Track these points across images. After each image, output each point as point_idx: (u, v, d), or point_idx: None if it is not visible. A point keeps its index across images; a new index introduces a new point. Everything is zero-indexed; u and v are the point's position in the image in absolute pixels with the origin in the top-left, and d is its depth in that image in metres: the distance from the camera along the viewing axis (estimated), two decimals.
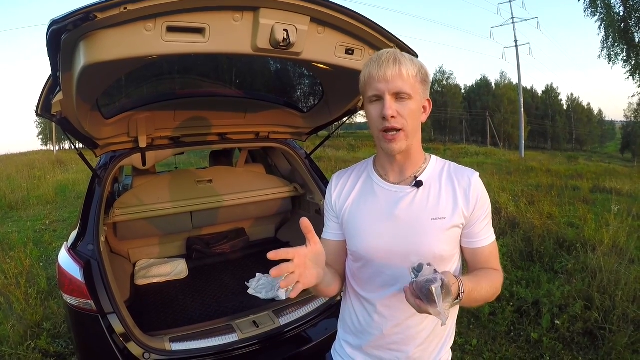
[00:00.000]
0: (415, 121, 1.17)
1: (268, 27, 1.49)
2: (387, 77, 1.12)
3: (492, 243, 1.26)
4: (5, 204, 9.59)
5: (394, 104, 1.13)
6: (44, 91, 1.88)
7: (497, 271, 1.26)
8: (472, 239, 1.24)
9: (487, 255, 1.25)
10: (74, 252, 2.25)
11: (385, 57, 1.14)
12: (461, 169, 1.26)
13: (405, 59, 1.14)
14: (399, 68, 1.12)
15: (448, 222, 1.18)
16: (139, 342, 2.14)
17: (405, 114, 1.13)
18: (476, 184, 1.21)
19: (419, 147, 1.25)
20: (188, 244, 3.88)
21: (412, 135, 1.17)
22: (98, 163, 2.98)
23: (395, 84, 1.12)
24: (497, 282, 1.22)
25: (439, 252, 1.18)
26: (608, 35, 19.09)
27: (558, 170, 15.58)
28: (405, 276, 1.14)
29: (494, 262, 1.27)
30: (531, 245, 4.75)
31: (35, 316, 3.55)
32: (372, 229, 1.24)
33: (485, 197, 1.23)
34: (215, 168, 4.05)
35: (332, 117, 2.91)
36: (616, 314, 3.15)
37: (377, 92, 1.14)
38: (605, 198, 8.38)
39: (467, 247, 1.25)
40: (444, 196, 1.20)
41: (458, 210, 1.19)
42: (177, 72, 2.59)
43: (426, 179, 1.23)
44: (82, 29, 1.29)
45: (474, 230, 1.23)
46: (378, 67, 1.13)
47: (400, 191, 1.23)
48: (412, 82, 1.13)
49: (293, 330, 2.46)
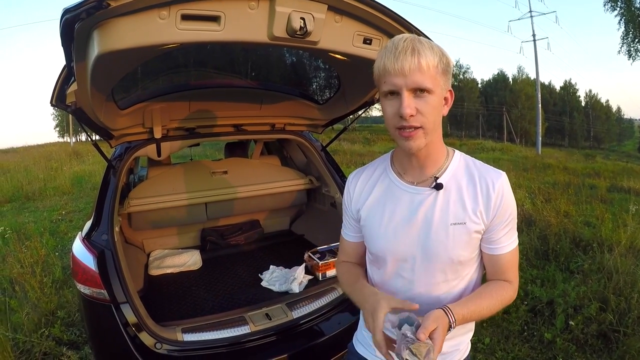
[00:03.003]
0: (437, 117, 1.08)
1: (284, 15, 1.46)
2: (405, 70, 1.00)
3: (512, 251, 1.19)
4: (22, 194, 9.76)
5: (412, 101, 1.02)
6: (59, 81, 1.87)
7: (509, 283, 1.20)
8: (491, 244, 1.18)
9: (504, 263, 1.19)
10: (88, 241, 2.26)
11: (402, 46, 1.01)
12: (486, 169, 1.18)
13: (424, 48, 1.02)
14: (417, 60, 1.00)
15: (468, 227, 1.13)
16: (151, 332, 2.15)
17: (425, 110, 1.03)
18: (500, 188, 1.13)
19: (439, 143, 1.17)
20: (202, 235, 3.89)
21: (432, 131, 1.08)
22: (113, 154, 2.99)
23: (414, 78, 1.00)
24: (504, 297, 1.18)
25: (457, 257, 1.15)
26: (628, 31, 18.79)
27: (575, 168, 15.37)
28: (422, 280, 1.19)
29: (511, 272, 1.21)
30: (547, 244, 4.68)
31: (49, 304, 3.59)
32: (389, 231, 1.21)
33: (509, 203, 1.15)
34: (231, 159, 4.05)
35: (349, 109, 2.89)
36: (631, 317, 3.08)
37: (393, 87, 1.03)
38: (623, 197, 8.24)
39: (486, 253, 1.20)
40: (465, 200, 1.14)
41: (478, 215, 1.13)
42: (193, 63, 2.58)
43: (447, 180, 1.16)
44: (95, 17, 1.27)
45: (494, 236, 1.16)
46: (394, 58, 1.01)
47: (419, 193, 1.17)
48: (432, 74, 1.02)
49: (306, 323, 2.44)
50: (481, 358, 2.97)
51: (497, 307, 1.16)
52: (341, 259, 1.47)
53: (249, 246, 3.84)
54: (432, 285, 1.19)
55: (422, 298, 1.20)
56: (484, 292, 1.17)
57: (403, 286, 1.22)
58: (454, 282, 1.19)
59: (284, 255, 3.52)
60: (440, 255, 1.15)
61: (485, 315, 1.14)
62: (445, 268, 1.17)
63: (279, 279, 2.99)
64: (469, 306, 1.10)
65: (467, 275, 1.21)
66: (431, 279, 1.19)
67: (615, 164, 20.42)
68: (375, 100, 2.68)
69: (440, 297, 1.19)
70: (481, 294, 1.16)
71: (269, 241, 3.98)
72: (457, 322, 1.04)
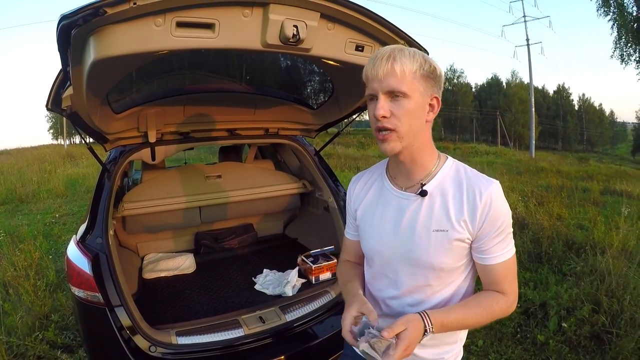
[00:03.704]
0: (413, 120, 1.10)
1: (278, 23, 1.49)
2: (379, 75, 1.07)
3: (506, 261, 1.17)
4: (15, 197, 9.70)
5: (387, 104, 1.09)
6: (54, 86, 1.89)
7: (503, 295, 1.19)
8: (482, 254, 1.17)
9: (497, 274, 1.18)
10: (83, 245, 2.26)
11: (381, 54, 1.09)
12: (476, 178, 1.17)
13: (402, 55, 1.07)
14: (391, 65, 1.06)
15: (450, 235, 1.14)
16: (145, 335, 2.15)
17: (398, 113, 1.08)
18: (488, 197, 1.12)
19: (426, 149, 1.18)
20: (196, 239, 3.89)
21: (408, 136, 1.11)
22: (108, 157, 2.99)
23: (388, 82, 1.07)
24: (495, 309, 1.17)
25: (438, 264, 1.17)
26: (621, 36, 18.93)
27: (568, 171, 15.44)
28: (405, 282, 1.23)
29: (506, 283, 1.19)
30: (540, 247, 4.72)
31: (43, 308, 3.58)
32: (377, 233, 1.27)
33: (499, 212, 1.13)
34: (225, 163, 4.06)
35: (342, 113, 2.91)
36: (624, 319, 3.11)
37: (372, 91, 1.11)
38: (615, 200, 8.31)
39: (477, 263, 1.20)
40: (450, 208, 1.15)
41: (462, 224, 1.14)
42: (187, 68, 2.59)
43: (433, 187, 1.18)
44: (92, 24, 1.29)
45: (484, 246, 1.15)
46: (372, 65, 1.09)
47: (406, 198, 1.21)
48: (408, 79, 1.07)
49: (299, 326, 2.46)
50: None
51: (486, 318, 1.16)
52: (343, 258, 1.54)
53: (243, 250, 3.85)
54: (415, 288, 1.22)
55: (405, 299, 1.24)
56: (472, 302, 1.18)
57: (388, 286, 1.27)
58: (437, 287, 1.20)
59: (278, 258, 3.53)
60: (421, 260, 1.18)
61: (471, 325, 1.16)
62: (427, 273, 1.19)
63: (273, 283, 3.00)
64: (450, 314, 1.12)
65: (452, 283, 1.21)
66: (413, 282, 1.21)
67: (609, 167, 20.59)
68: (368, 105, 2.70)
69: (423, 301, 1.22)
70: (468, 303, 1.18)
71: (262, 245, 3.99)
72: (434, 327, 1.07)
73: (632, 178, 14.54)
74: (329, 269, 3.01)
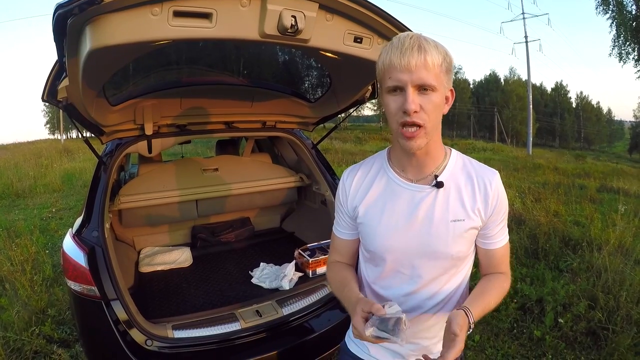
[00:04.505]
0: (438, 115, 1.09)
1: (276, 13, 1.47)
2: (411, 66, 1.00)
3: (506, 245, 1.26)
4: (12, 192, 9.66)
5: (417, 97, 1.03)
6: (50, 77, 1.87)
7: (505, 275, 1.27)
8: (487, 240, 1.23)
9: (499, 257, 1.25)
10: (79, 238, 2.25)
11: (409, 43, 1.02)
12: (482, 168, 1.21)
13: (430, 46, 1.03)
14: (424, 57, 1.01)
15: (466, 224, 1.16)
16: (141, 329, 2.15)
17: (428, 108, 1.04)
18: (496, 186, 1.18)
19: (439, 142, 1.18)
20: (193, 233, 3.89)
21: (432, 131, 1.09)
22: (104, 150, 2.98)
23: (419, 74, 1.01)
24: (505, 288, 1.24)
25: (456, 253, 1.17)
26: (619, 34, 19.00)
27: (565, 169, 15.50)
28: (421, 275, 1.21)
29: (504, 264, 1.28)
30: (536, 243, 4.72)
31: (40, 302, 3.57)
32: (389, 228, 1.20)
33: (503, 199, 1.20)
34: (222, 157, 4.05)
35: (340, 107, 2.91)
36: (620, 315, 3.12)
37: (398, 82, 1.03)
38: (612, 198, 8.32)
39: (481, 247, 1.25)
40: (464, 197, 1.17)
41: (476, 212, 1.17)
42: (185, 60, 2.58)
43: (446, 178, 1.17)
44: (88, 13, 1.27)
45: (490, 232, 1.21)
46: (400, 54, 1.01)
47: (420, 190, 1.18)
48: (437, 71, 1.03)
49: (296, 320, 2.46)
50: (471, 355, 3.00)
51: (500, 299, 1.21)
52: (333, 259, 1.44)
53: (240, 243, 3.84)
54: (432, 280, 1.21)
55: (423, 293, 1.22)
56: (489, 288, 1.21)
57: (402, 282, 1.23)
58: (452, 276, 1.22)
59: (275, 252, 3.53)
60: (440, 251, 1.17)
61: (492, 308, 1.19)
62: (445, 263, 1.19)
63: (269, 276, 3.00)
64: (481, 302, 1.13)
65: (463, 269, 1.24)
66: (430, 274, 1.20)
67: (605, 165, 20.66)
68: (365, 99, 2.69)
69: (439, 291, 1.22)
70: (487, 289, 1.20)
71: (259, 238, 3.99)
72: (474, 322, 1.06)
73: (628, 176, 14.58)
74: (325, 263, 3.00)
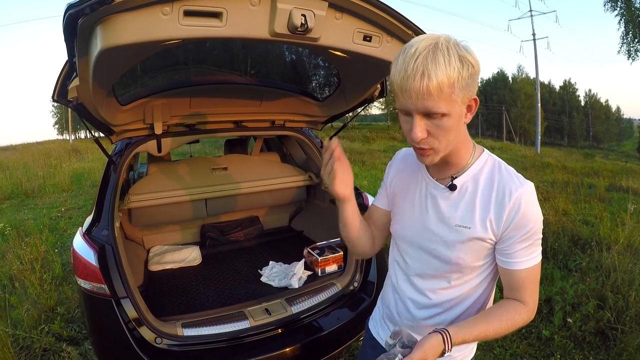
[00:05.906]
0: (452, 135, 1.02)
1: (286, 11, 1.47)
2: (412, 94, 0.93)
3: (530, 268, 1.10)
4: (21, 191, 9.73)
5: (423, 123, 0.98)
6: (60, 77, 1.89)
7: (524, 305, 1.12)
8: (505, 257, 1.11)
9: (520, 281, 1.11)
10: (89, 237, 2.26)
11: (412, 68, 0.92)
12: (509, 177, 1.10)
13: (438, 66, 0.90)
14: (426, 84, 0.91)
15: (471, 232, 1.10)
16: (151, 327, 2.16)
17: (437, 133, 0.99)
18: (518, 198, 1.05)
19: (460, 148, 1.12)
20: (202, 231, 3.90)
21: (446, 149, 1.05)
22: (114, 149, 2.99)
23: (424, 103, 0.94)
24: (516, 321, 1.11)
25: (455, 259, 1.14)
26: (628, 31, 18.81)
27: (574, 167, 15.35)
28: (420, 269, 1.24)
29: (525, 291, 1.12)
30: (545, 242, 4.68)
31: (49, 301, 3.60)
32: (404, 216, 1.27)
33: (528, 216, 1.06)
34: (230, 156, 4.06)
35: (349, 105, 2.91)
36: (629, 315, 3.10)
37: (403, 107, 0.98)
38: (621, 197, 8.24)
39: (499, 265, 1.14)
40: (476, 205, 1.11)
41: (486, 223, 1.09)
42: (194, 60, 2.58)
43: (463, 182, 1.14)
44: (98, 13, 1.28)
45: (509, 249, 1.10)
46: (402, 80, 0.94)
47: (435, 188, 1.19)
48: (447, 93, 0.93)
49: (305, 318, 2.46)
50: (479, 355, 2.99)
51: (506, 330, 1.10)
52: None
53: (249, 242, 3.85)
54: (432, 278, 1.22)
55: (424, 291, 1.24)
56: (493, 315, 1.12)
57: (405, 269, 1.29)
58: (454, 282, 1.19)
59: (284, 251, 3.53)
60: (438, 251, 1.17)
61: (490, 338, 1.11)
62: (444, 266, 1.18)
63: (279, 275, 3.00)
64: (472, 330, 1.07)
65: (470, 281, 1.19)
66: (431, 272, 1.21)
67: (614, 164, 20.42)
68: (374, 97, 2.69)
69: (440, 294, 1.22)
70: (490, 317, 1.11)
71: (268, 237, 3.99)
72: (453, 345, 1.04)
73: (638, 175, 14.39)
74: (335, 261, 3.01)
